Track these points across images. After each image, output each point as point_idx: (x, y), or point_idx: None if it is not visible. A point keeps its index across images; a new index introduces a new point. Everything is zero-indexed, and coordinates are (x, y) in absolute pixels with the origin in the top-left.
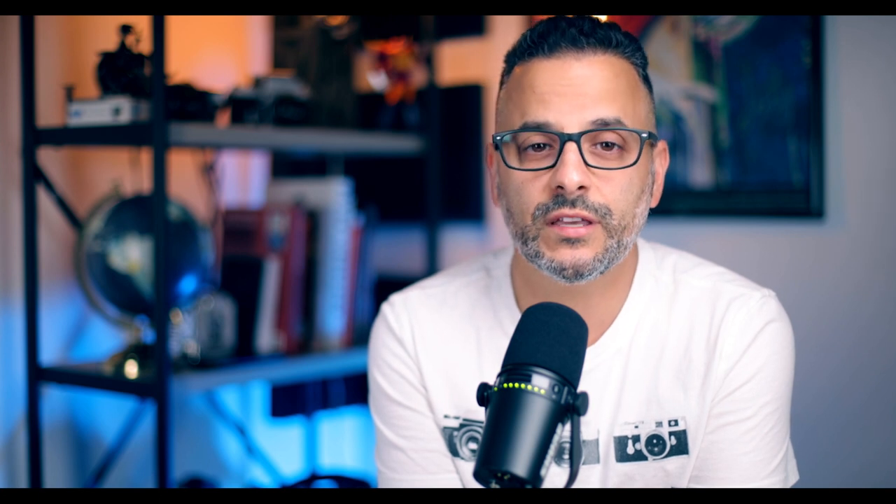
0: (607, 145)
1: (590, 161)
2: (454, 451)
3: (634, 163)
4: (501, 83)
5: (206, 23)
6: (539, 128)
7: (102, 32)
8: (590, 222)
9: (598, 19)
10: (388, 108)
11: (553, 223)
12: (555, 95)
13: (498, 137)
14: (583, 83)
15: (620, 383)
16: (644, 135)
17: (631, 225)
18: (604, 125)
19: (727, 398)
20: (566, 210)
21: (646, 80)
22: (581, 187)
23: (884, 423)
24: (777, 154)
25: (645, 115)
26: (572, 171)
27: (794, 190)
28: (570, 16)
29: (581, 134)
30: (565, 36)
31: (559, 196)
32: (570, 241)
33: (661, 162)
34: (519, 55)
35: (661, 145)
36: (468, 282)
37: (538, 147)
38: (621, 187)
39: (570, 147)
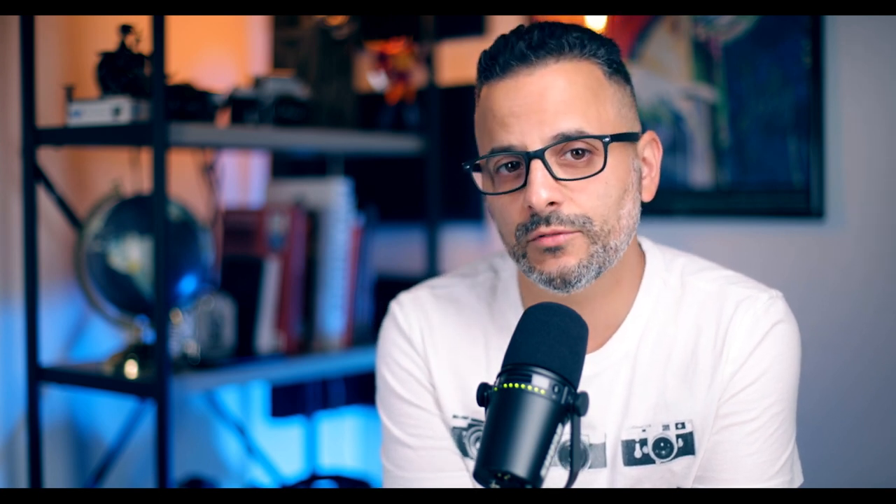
0: (577, 153)
1: (558, 174)
2: (464, 451)
3: (601, 169)
4: (475, 104)
5: (206, 23)
6: (504, 151)
7: (102, 32)
8: (566, 233)
9: (551, 25)
10: (388, 108)
11: (534, 239)
12: (513, 116)
13: (467, 167)
14: (538, 99)
15: (628, 387)
16: (606, 139)
17: (617, 227)
18: (565, 138)
19: (732, 399)
20: (543, 228)
21: (616, 72)
22: (552, 203)
23: (888, 422)
24: (777, 154)
25: (615, 113)
26: (539, 190)
27: (794, 190)
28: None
29: (543, 150)
30: (514, 53)
31: (534, 215)
32: (553, 251)
33: (651, 152)
34: (480, 77)
35: (647, 136)
36: (477, 282)
37: (510, 167)
38: (597, 194)
39: (536, 165)
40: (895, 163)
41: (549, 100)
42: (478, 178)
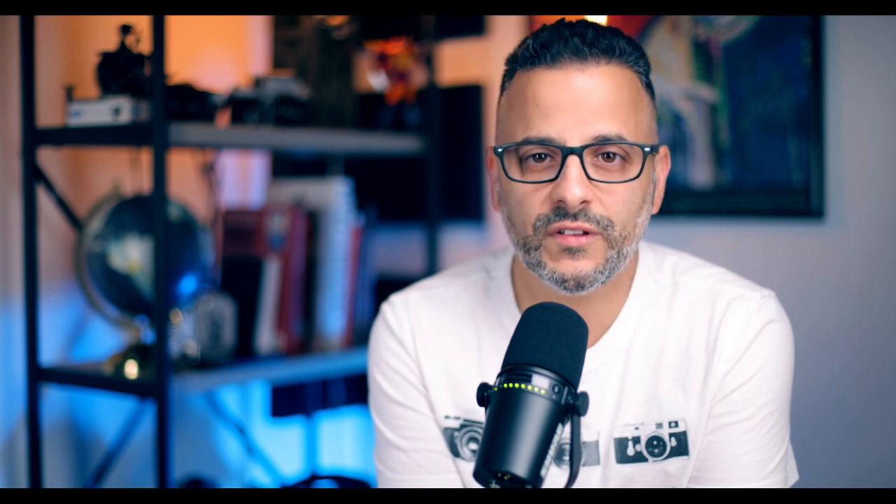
0: (609, 156)
1: (592, 174)
2: (455, 452)
3: (637, 177)
4: (503, 87)
5: (206, 23)
6: (541, 142)
7: (102, 32)
8: (591, 232)
9: (601, 26)
10: (388, 108)
11: (554, 234)
12: (557, 109)
13: (500, 150)
14: (586, 96)
15: (620, 385)
16: (647, 149)
17: (632, 235)
18: (605, 141)
19: (726, 399)
20: (568, 222)
21: (648, 86)
22: (583, 201)
23: (888, 422)
24: (777, 154)
25: (647, 124)
26: (574, 186)
27: (794, 190)
28: (574, 19)
29: (583, 148)
30: (568, 45)
31: (560, 209)
32: (572, 252)
33: (662, 168)
34: (521, 62)
35: (663, 151)
36: (468, 282)
37: (539, 157)
38: (623, 199)
39: (572, 161)
40: (895, 163)
41: (596, 100)
42: (494, 162)
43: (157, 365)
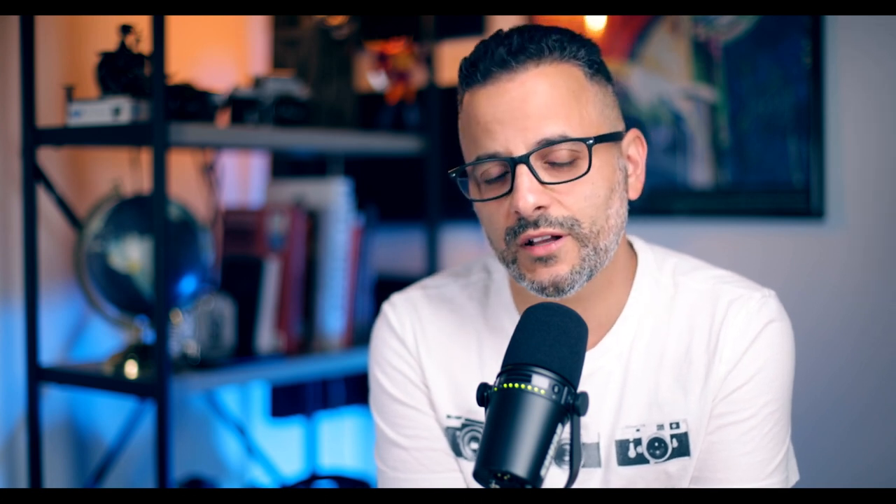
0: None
1: (544, 178)
2: (457, 451)
3: (587, 172)
4: (458, 110)
5: (206, 23)
6: (490, 158)
7: (102, 32)
8: (558, 236)
9: (530, 29)
10: (388, 108)
11: (524, 245)
12: (497, 123)
13: (452, 174)
14: (521, 104)
15: (621, 387)
16: (590, 142)
17: (605, 227)
18: (548, 143)
19: (727, 398)
20: (531, 231)
21: (596, 73)
22: (539, 207)
23: (887, 422)
24: (777, 154)
25: (597, 114)
26: (526, 195)
27: (794, 190)
28: (524, 24)
29: (528, 155)
30: (494, 59)
31: (521, 219)
32: (544, 260)
33: (636, 150)
34: (461, 84)
35: (631, 134)
36: (469, 282)
37: (497, 176)
38: (584, 195)
39: (521, 170)
40: (895, 163)
41: (532, 105)
42: (466, 184)
43: (157, 365)
